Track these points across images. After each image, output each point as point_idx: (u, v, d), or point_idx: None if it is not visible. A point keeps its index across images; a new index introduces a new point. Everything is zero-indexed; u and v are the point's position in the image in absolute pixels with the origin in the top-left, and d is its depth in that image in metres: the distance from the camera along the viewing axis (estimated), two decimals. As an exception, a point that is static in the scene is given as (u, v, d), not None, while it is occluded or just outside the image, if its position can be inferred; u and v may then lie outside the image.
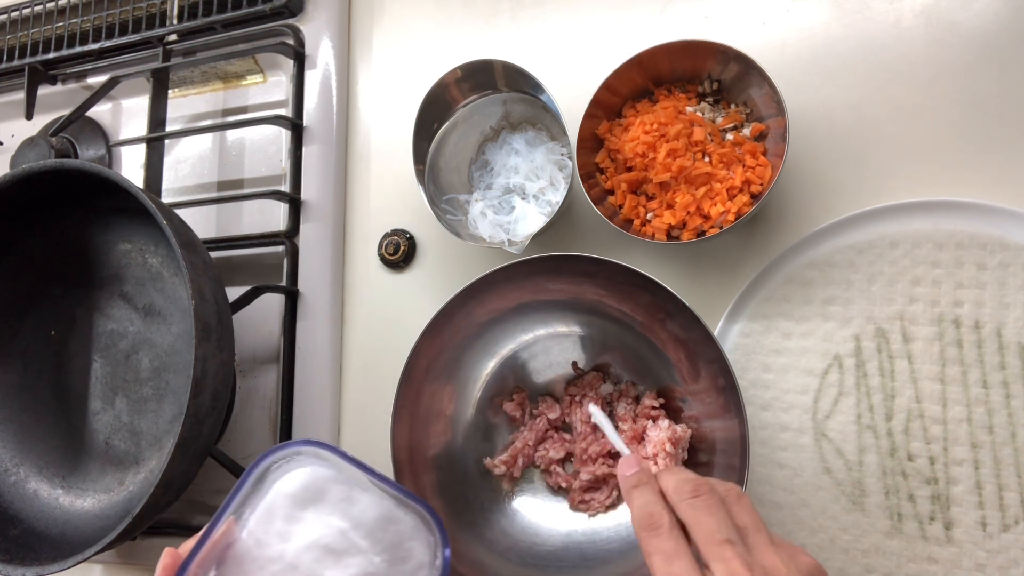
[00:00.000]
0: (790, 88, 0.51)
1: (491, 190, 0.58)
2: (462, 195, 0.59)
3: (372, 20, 0.68)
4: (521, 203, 0.56)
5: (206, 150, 0.71)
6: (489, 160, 0.59)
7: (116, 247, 0.64)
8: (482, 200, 0.58)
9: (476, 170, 0.59)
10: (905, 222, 0.48)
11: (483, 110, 0.58)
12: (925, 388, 0.47)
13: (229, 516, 0.37)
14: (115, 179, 0.53)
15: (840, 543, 0.48)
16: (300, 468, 0.38)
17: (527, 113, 0.59)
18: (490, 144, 0.59)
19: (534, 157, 0.57)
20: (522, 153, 0.57)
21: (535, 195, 0.56)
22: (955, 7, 0.51)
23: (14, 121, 0.78)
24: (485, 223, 0.57)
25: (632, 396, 0.53)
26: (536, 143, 0.58)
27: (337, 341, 0.63)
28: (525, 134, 0.58)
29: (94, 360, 0.63)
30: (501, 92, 0.57)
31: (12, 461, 0.63)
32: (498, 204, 0.57)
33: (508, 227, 0.56)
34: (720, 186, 0.50)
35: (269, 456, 0.37)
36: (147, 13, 0.73)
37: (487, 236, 0.56)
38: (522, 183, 0.57)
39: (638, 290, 0.47)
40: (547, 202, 0.56)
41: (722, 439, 0.47)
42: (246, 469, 0.38)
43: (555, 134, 0.58)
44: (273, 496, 0.37)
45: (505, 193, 0.58)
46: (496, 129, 0.60)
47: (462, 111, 0.58)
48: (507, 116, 0.59)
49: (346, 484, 0.38)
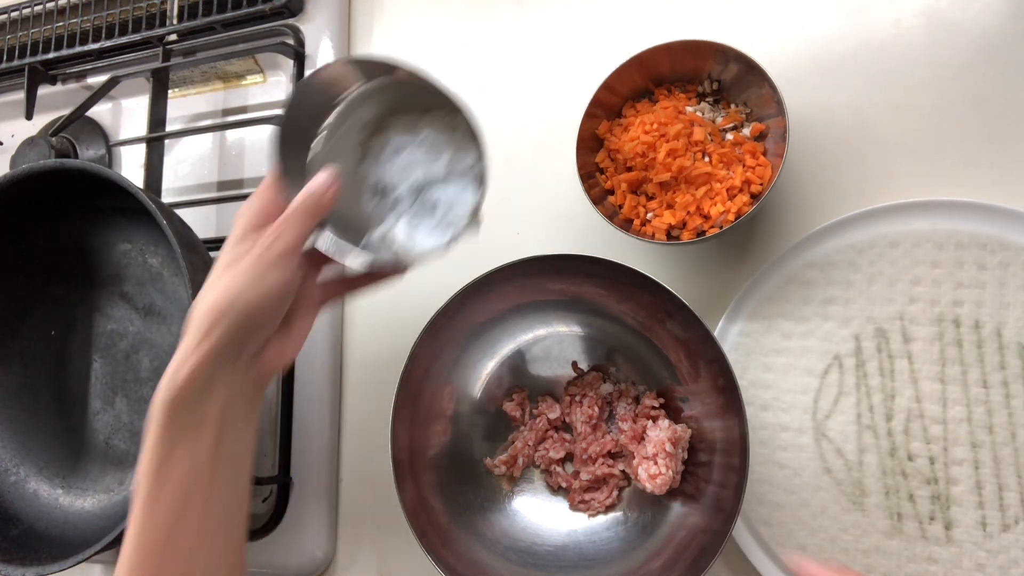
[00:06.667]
0: (790, 88, 0.51)
1: (400, 204, 0.46)
2: (375, 231, 0.46)
3: (372, 20, 0.68)
4: (441, 191, 0.45)
5: (206, 150, 0.71)
6: (373, 179, 0.46)
7: (116, 247, 0.64)
8: (397, 218, 0.46)
9: (369, 199, 0.46)
10: (905, 222, 0.48)
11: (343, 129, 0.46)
12: (925, 388, 0.47)
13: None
14: (115, 179, 0.53)
15: (840, 543, 0.48)
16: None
17: (394, 102, 0.46)
18: (363, 163, 0.46)
19: (422, 141, 0.45)
20: (404, 145, 0.46)
21: (449, 172, 0.45)
22: (955, 7, 0.51)
23: (14, 121, 0.78)
24: (422, 236, 0.45)
25: (632, 396, 0.53)
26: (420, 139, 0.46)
27: (337, 341, 0.63)
28: (400, 131, 0.46)
29: (94, 360, 0.63)
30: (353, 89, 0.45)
31: (12, 461, 0.63)
32: (417, 212, 0.46)
33: (447, 219, 0.45)
34: (720, 186, 0.50)
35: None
36: (147, 13, 0.73)
37: (422, 247, 0.45)
38: (428, 171, 0.45)
39: (638, 290, 0.47)
40: (469, 167, 0.45)
41: (722, 439, 0.47)
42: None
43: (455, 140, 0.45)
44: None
45: (416, 195, 0.46)
46: (361, 141, 0.46)
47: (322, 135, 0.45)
48: (367, 119, 0.46)
49: None
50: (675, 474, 0.49)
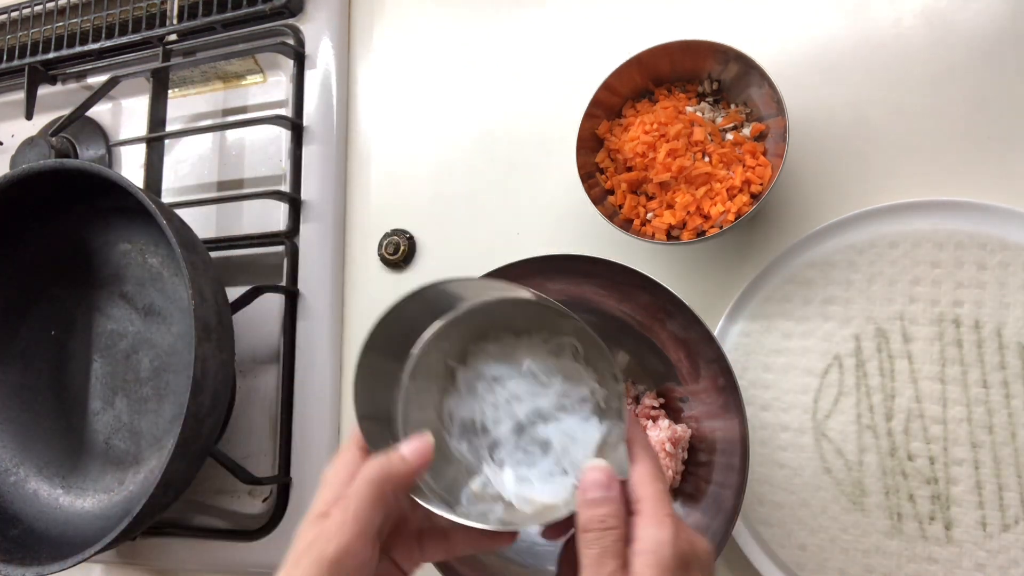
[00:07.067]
0: (790, 88, 0.51)
1: (501, 447, 0.38)
2: (472, 482, 0.38)
3: (372, 20, 0.68)
4: (553, 427, 0.38)
5: (206, 150, 0.71)
6: (466, 417, 0.39)
7: (116, 247, 0.64)
8: (501, 465, 0.38)
9: (459, 442, 0.39)
10: (905, 222, 0.48)
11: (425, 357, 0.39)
12: (925, 388, 0.47)
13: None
14: (115, 179, 0.53)
15: (840, 543, 0.48)
16: None
17: (500, 319, 0.39)
18: (452, 398, 0.40)
19: (520, 367, 0.39)
20: (502, 376, 0.39)
21: (560, 405, 0.38)
22: (955, 7, 0.51)
23: (14, 121, 0.78)
24: (538, 484, 0.37)
25: (632, 396, 0.53)
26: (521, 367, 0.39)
27: (337, 341, 0.63)
28: (496, 358, 0.39)
29: (94, 360, 0.63)
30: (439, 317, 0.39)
31: (12, 461, 0.63)
32: (523, 455, 0.38)
33: (566, 461, 0.37)
34: (720, 186, 0.50)
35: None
36: (147, 13, 0.73)
37: (539, 500, 0.36)
38: (533, 405, 0.38)
39: (638, 290, 0.47)
40: (583, 399, 0.38)
41: (722, 439, 0.47)
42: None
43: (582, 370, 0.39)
44: None
45: (520, 434, 0.38)
46: (449, 369, 0.40)
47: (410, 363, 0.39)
48: (451, 346, 0.40)
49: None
50: (675, 474, 0.49)
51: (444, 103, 0.64)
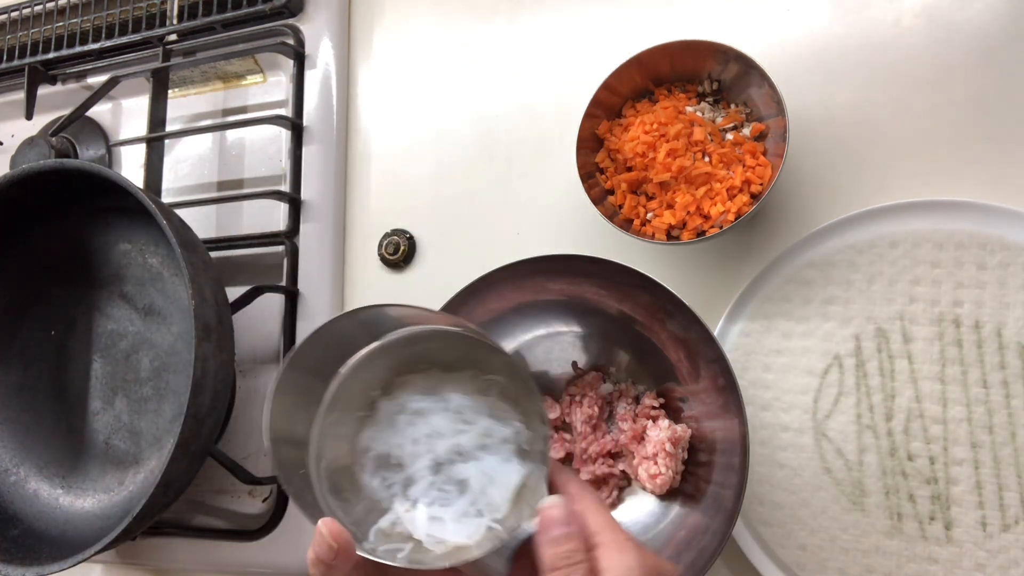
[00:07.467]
0: (790, 88, 0.51)
1: (416, 483, 0.37)
2: (381, 520, 0.37)
3: (372, 20, 0.68)
4: (473, 466, 0.37)
5: (206, 150, 0.71)
6: (382, 451, 0.38)
7: (116, 247, 0.64)
8: (415, 503, 0.37)
9: (372, 476, 0.38)
10: (905, 222, 0.48)
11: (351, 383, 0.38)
12: (925, 388, 0.47)
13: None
14: (115, 179, 0.53)
15: (840, 543, 0.48)
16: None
17: (427, 355, 0.39)
18: (371, 429, 0.38)
19: (445, 402, 0.38)
20: (424, 410, 0.38)
21: (482, 445, 0.37)
22: (955, 7, 0.51)
23: (14, 121, 0.78)
24: (450, 524, 0.36)
25: (632, 396, 0.53)
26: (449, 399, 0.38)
27: (337, 341, 0.63)
28: (422, 391, 0.39)
29: (94, 360, 0.63)
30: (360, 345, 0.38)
31: (12, 461, 0.63)
32: (439, 493, 0.37)
33: (482, 502, 0.37)
34: (720, 186, 0.50)
35: None
36: (147, 13, 0.73)
37: (451, 540, 0.36)
38: (454, 442, 0.37)
39: (638, 290, 0.47)
40: (505, 439, 0.38)
41: (722, 439, 0.47)
42: None
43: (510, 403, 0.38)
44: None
45: (438, 471, 0.37)
46: (371, 400, 0.39)
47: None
48: (376, 375, 0.39)
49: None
50: (675, 474, 0.49)
51: (444, 103, 0.64)
